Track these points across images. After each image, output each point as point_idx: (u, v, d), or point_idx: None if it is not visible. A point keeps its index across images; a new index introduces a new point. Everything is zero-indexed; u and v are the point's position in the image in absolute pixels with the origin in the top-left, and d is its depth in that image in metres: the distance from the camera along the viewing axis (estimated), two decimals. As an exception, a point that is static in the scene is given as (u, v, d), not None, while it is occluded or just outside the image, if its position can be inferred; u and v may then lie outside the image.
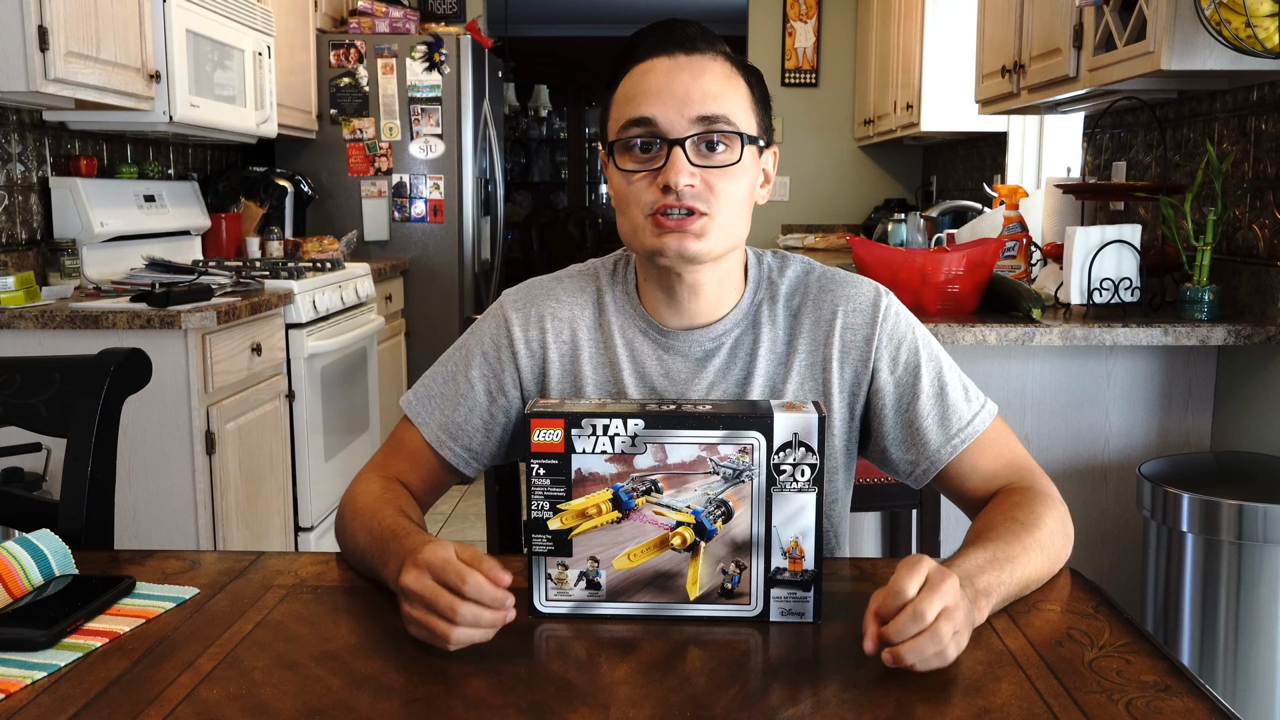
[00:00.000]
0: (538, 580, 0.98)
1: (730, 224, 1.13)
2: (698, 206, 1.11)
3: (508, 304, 1.25)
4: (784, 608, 0.97)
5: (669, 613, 0.98)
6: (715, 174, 1.11)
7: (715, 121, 1.11)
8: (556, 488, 0.96)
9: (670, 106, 1.10)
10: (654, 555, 0.97)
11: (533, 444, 0.96)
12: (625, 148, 1.13)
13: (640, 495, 0.96)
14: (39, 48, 2.38)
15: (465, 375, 1.23)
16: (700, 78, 1.11)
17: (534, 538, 0.97)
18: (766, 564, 0.97)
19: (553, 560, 0.97)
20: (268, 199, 4.04)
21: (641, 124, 1.11)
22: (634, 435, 0.95)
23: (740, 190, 1.13)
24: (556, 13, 8.21)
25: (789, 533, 0.96)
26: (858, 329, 1.19)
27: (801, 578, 0.97)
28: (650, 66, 1.13)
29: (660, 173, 1.10)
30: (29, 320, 2.44)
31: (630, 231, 1.15)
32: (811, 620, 0.97)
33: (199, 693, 0.83)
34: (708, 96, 1.11)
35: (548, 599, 0.98)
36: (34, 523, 1.26)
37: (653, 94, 1.11)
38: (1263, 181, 2.27)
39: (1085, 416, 2.38)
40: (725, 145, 1.12)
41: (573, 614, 0.98)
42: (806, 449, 0.95)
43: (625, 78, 1.15)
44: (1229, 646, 1.91)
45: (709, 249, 1.12)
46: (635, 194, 1.12)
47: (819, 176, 5.60)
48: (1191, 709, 0.80)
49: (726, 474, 0.95)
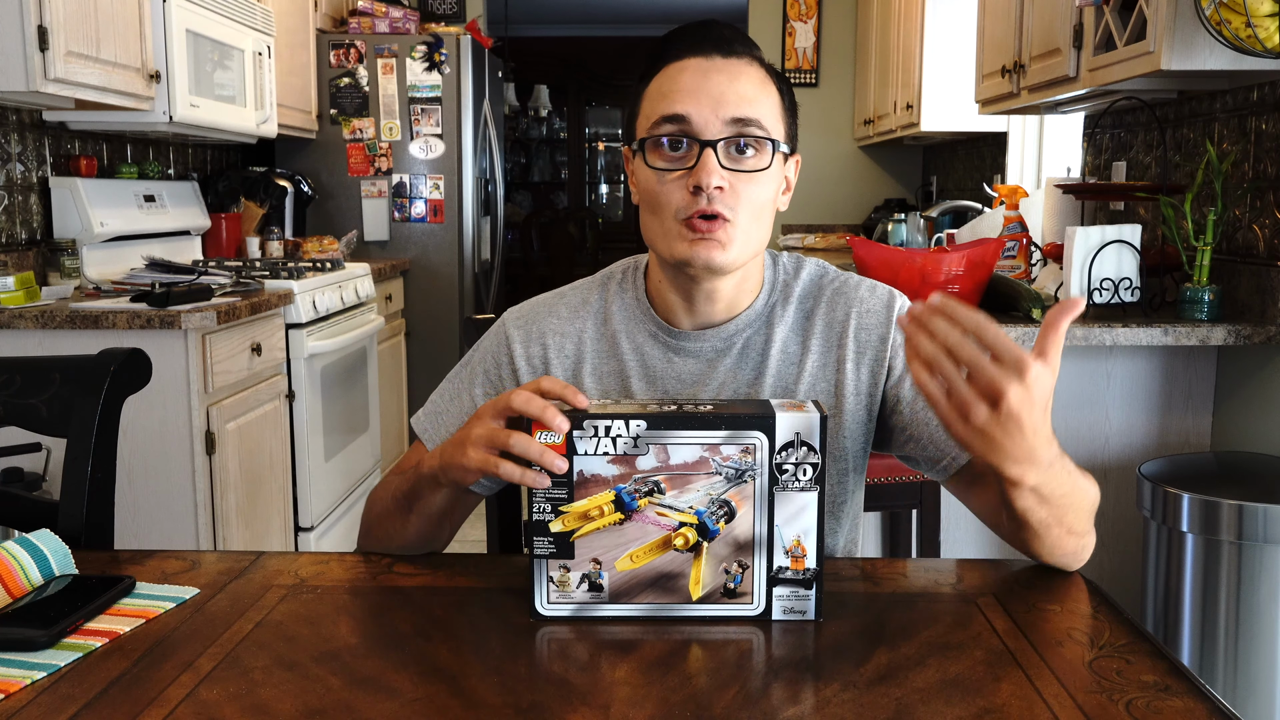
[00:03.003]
0: (539, 583, 0.97)
1: (751, 229, 1.13)
2: (723, 211, 1.10)
3: (509, 322, 1.25)
4: (786, 606, 0.97)
5: (671, 613, 0.97)
6: (743, 179, 1.11)
7: (748, 125, 1.10)
8: (558, 490, 0.95)
9: (705, 106, 1.10)
10: (656, 556, 0.96)
11: None
12: (656, 145, 1.12)
13: (643, 496, 0.95)
14: (39, 48, 2.38)
15: (469, 394, 1.23)
16: (736, 80, 1.11)
17: (535, 540, 0.96)
18: (769, 563, 0.97)
19: (554, 563, 0.97)
20: (268, 199, 4.04)
21: (675, 121, 1.10)
22: (636, 436, 0.94)
23: (765, 196, 1.13)
24: (556, 13, 8.21)
25: (791, 531, 0.96)
26: (872, 329, 1.20)
27: (803, 576, 0.97)
28: (685, 65, 1.12)
29: (691, 173, 1.09)
30: (29, 320, 2.45)
31: (659, 234, 1.14)
32: (813, 618, 0.97)
33: (199, 693, 0.83)
34: (742, 99, 1.10)
35: (549, 601, 0.97)
36: (34, 523, 1.25)
37: (688, 92, 1.10)
38: (1263, 181, 2.26)
39: (1085, 416, 2.38)
40: (755, 150, 1.11)
41: (575, 616, 0.98)
42: (808, 448, 0.95)
43: (659, 74, 1.14)
44: (1229, 646, 1.91)
45: (734, 259, 1.12)
46: (666, 195, 1.11)
47: (819, 176, 5.60)
48: (1191, 709, 0.80)
49: (729, 474, 0.95)
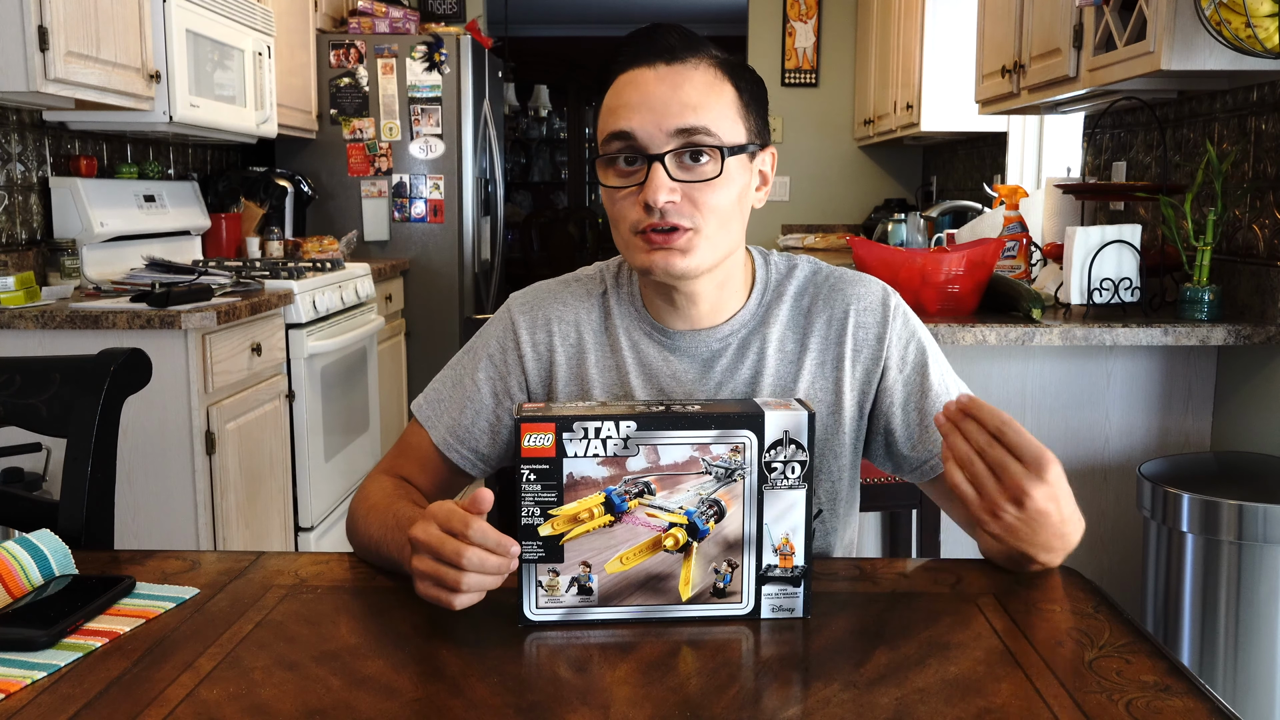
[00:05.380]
0: (528, 587, 0.96)
1: (717, 236, 1.11)
2: (681, 223, 1.09)
3: (514, 307, 1.25)
4: (775, 604, 0.97)
5: (660, 614, 0.97)
6: (697, 188, 1.09)
7: (695, 134, 1.08)
8: (547, 493, 0.94)
9: (648, 120, 1.08)
10: (646, 558, 0.96)
11: (523, 449, 0.93)
12: (608, 162, 1.11)
13: (633, 498, 0.95)
14: (39, 48, 2.38)
15: (472, 378, 1.23)
16: (680, 89, 1.09)
17: (524, 544, 0.95)
18: (758, 561, 0.97)
19: (543, 567, 0.95)
20: (268, 199, 4.04)
21: (621, 138, 1.10)
22: (626, 437, 0.94)
23: (725, 201, 1.11)
24: (556, 13, 8.21)
25: (779, 529, 0.96)
26: (870, 327, 1.20)
27: (792, 574, 0.97)
28: (631, 78, 1.11)
29: (642, 189, 1.08)
30: (29, 320, 2.45)
31: (622, 246, 1.15)
32: (801, 615, 0.97)
33: (199, 693, 0.83)
34: (686, 108, 1.08)
35: (538, 606, 0.96)
36: (34, 523, 1.26)
37: (631, 107, 1.09)
38: (1263, 181, 2.26)
39: (1085, 416, 2.38)
40: (708, 157, 1.09)
41: (564, 620, 0.96)
42: (797, 446, 0.95)
43: (610, 89, 1.13)
44: (1229, 646, 1.91)
45: (696, 265, 1.11)
46: (621, 211, 1.11)
47: (819, 176, 5.60)
48: (1191, 709, 0.80)
49: (719, 473, 0.95)
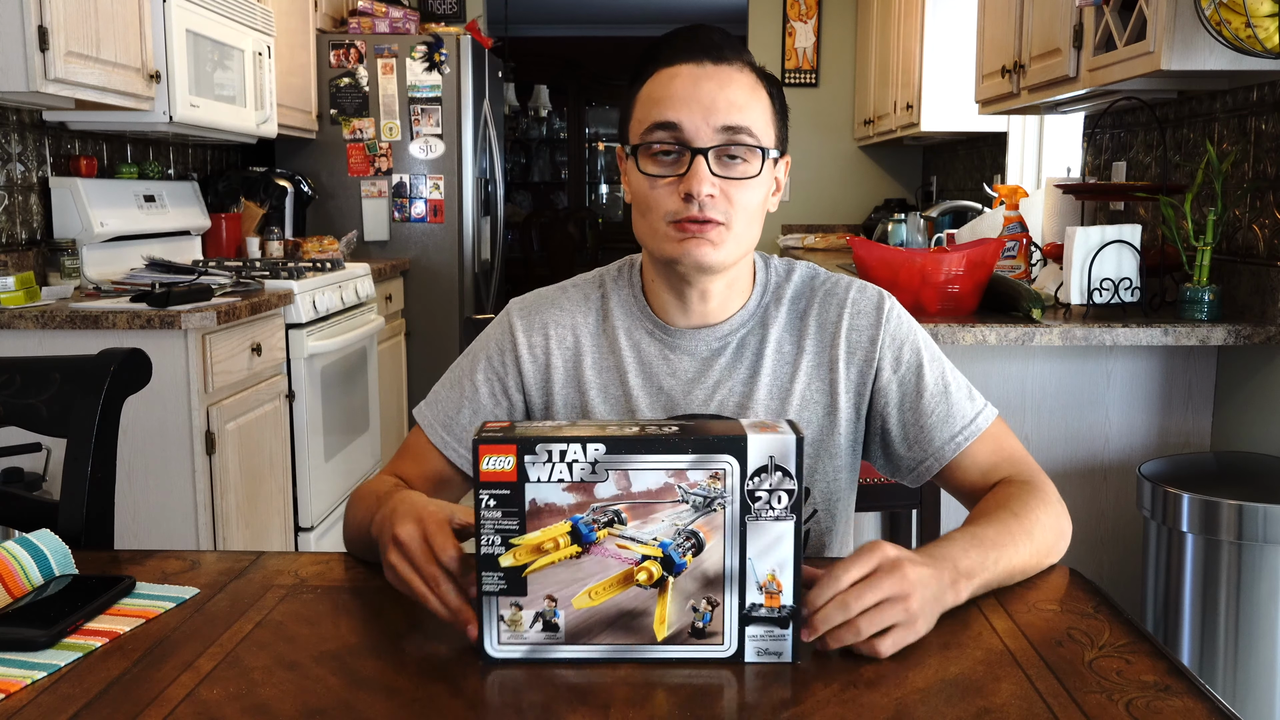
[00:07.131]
0: (489, 623, 0.88)
1: (744, 233, 1.15)
2: (715, 216, 1.12)
3: (514, 311, 1.27)
4: (760, 647, 0.89)
5: (634, 654, 0.89)
6: (734, 185, 1.12)
7: (739, 133, 1.12)
8: (509, 520, 0.86)
9: (696, 114, 1.11)
10: (617, 593, 0.88)
11: (481, 472, 0.86)
12: (648, 151, 1.13)
13: (602, 527, 0.87)
14: (39, 48, 2.38)
15: (470, 379, 1.25)
16: (726, 87, 1.12)
17: (484, 576, 0.87)
18: (741, 600, 0.88)
19: (505, 600, 0.88)
20: (268, 199, 4.04)
21: (667, 128, 1.12)
22: (594, 461, 0.86)
23: (756, 200, 1.15)
24: (556, 13, 8.21)
25: (765, 565, 0.88)
26: (863, 330, 1.22)
27: (779, 614, 0.88)
28: (677, 72, 1.13)
29: (683, 180, 1.11)
30: (29, 320, 2.44)
31: (649, 234, 1.16)
32: (790, 660, 0.89)
33: (199, 693, 0.83)
34: (733, 107, 1.11)
35: (500, 643, 0.89)
36: (34, 523, 1.26)
37: (679, 100, 1.12)
38: (1263, 181, 2.26)
39: (1085, 416, 2.38)
40: (747, 156, 1.13)
41: (528, 659, 0.89)
42: (784, 473, 0.86)
43: (651, 79, 1.15)
44: (1229, 646, 1.91)
45: (724, 259, 1.14)
46: (657, 199, 1.13)
47: (819, 176, 5.60)
48: (1191, 709, 0.80)
49: (696, 502, 0.87)
